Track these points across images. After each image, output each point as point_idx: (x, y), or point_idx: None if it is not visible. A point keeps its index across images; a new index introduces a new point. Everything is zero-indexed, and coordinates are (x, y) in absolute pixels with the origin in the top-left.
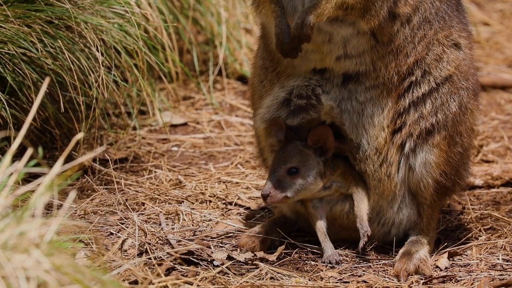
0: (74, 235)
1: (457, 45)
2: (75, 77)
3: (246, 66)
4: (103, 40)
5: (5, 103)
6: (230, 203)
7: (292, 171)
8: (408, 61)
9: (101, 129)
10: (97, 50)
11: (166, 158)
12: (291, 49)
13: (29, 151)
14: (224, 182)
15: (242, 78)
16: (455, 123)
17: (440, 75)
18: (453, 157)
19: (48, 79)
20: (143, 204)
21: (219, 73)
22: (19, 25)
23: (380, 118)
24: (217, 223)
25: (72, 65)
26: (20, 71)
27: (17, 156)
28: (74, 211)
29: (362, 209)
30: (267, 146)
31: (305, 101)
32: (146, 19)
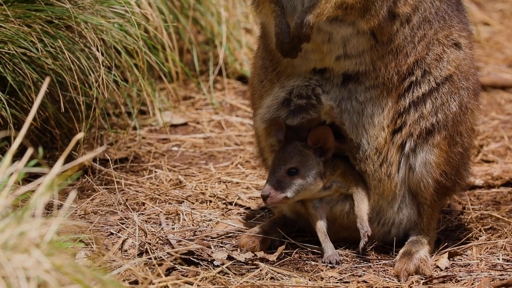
0: (74, 235)
1: (457, 45)
2: (75, 77)
3: (246, 66)
4: (103, 40)
5: (5, 103)
6: (230, 203)
7: (292, 171)
8: (408, 61)
9: (101, 129)
10: (97, 50)
11: (166, 158)
12: (291, 49)
13: (29, 151)
14: (224, 182)
15: (242, 78)
16: (456, 123)
17: (440, 74)
18: (454, 157)
19: (48, 79)
20: (143, 204)
21: (219, 73)
22: (19, 25)
23: (380, 118)
24: (217, 223)
25: (72, 65)
26: (20, 71)
27: (17, 156)
28: (74, 211)
29: (362, 209)
30: (267, 146)
31: (305, 101)
32: (146, 19)
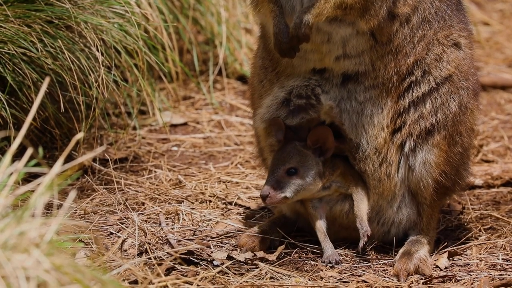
0: (74, 235)
1: (457, 45)
2: (75, 77)
3: (246, 66)
4: (103, 40)
5: (5, 103)
6: (230, 203)
7: (291, 171)
8: (408, 61)
9: (101, 129)
10: (97, 50)
11: (166, 158)
12: (289, 49)
13: (29, 151)
14: (224, 182)
15: (242, 78)
16: (455, 122)
17: (440, 74)
18: (453, 157)
19: (48, 79)
20: (143, 204)
21: (219, 73)
22: (19, 25)
23: (379, 118)
24: (217, 223)
25: (72, 65)
26: (20, 71)
27: (17, 156)
28: (74, 211)
29: (362, 209)
30: (266, 146)
31: (305, 101)
32: (146, 19)
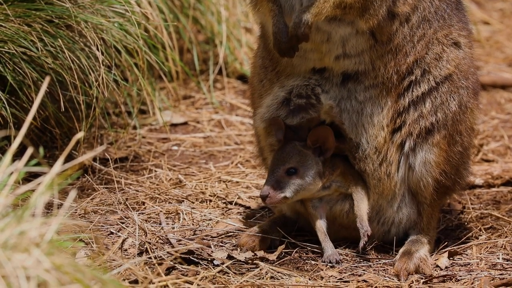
0: (74, 234)
1: (456, 44)
2: (75, 76)
3: (246, 65)
4: (103, 39)
5: (5, 102)
6: (230, 203)
7: (291, 171)
8: (408, 60)
9: (101, 128)
10: (97, 49)
11: (166, 157)
12: (289, 49)
13: (30, 151)
14: (224, 182)
15: (242, 77)
16: (455, 122)
17: (440, 74)
18: (453, 156)
19: (48, 78)
20: (143, 203)
21: (219, 72)
22: (19, 24)
23: (379, 117)
24: (217, 222)
25: (72, 64)
26: (20, 70)
27: (17, 155)
28: (74, 210)
29: (362, 209)
30: (267, 145)
31: (305, 101)
32: (146, 18)
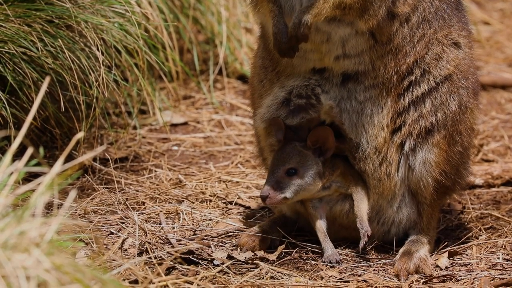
0: (74, 234)
1: (456, 44)
2: (76, 77)
3: (246, 65)
4: (103, 39)
5: (5, 102)
6: (230, 203)
7: (291, 172)
8: (408, 60)
9: (102, 128)
10: (98, 50)
11: (166, 157)
12: (289, 49)
13: (30, 151)
14: (224, 182)
15: (242, 78)
16: (455, 122)
17: (440, 74)
18: (453, 156)
19: (48, 78)
20: (143, 203)
21: (220, 73)
22: (19, 24)
23: (379, 117)
24: (217, 222)
25: (72, 65)
26: (20, 71)
27: (18, 155)
28: (75, 210)
29: (362, 209)
30: (267, 145)
31: (305, 101)
32: (147, 18)
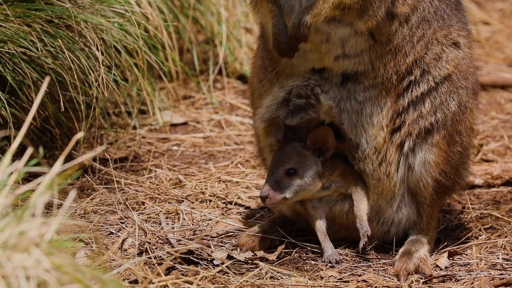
0: (74, 234)
1: (456, 44)
2: (75, 76)
3: (246, 65)
4: (103, 39)
5: (5, 102)
6: (230, 203)
7: (290, 172)
8: (407, 60)
9: (101, 128)
10: (97, 50)
11: (166, 157)
12: (288, 49)
13: (29, 151)
14: (224, 182)
15: (242, 77)
16: (455, 122)
17: (439, 74)
18: (453, 156)
19: (48, 78)
20: (143, 203)
21: (219, 72)
22: (19, 24)
23: (379, 117)
24: (217, 222)
25: (72, 64)
26: (20, 70)
27: (17, 155)
28: (74, 210)
29: (362, 209)
30: (266, 145)
31: (304, 101)
32: (146, 18)
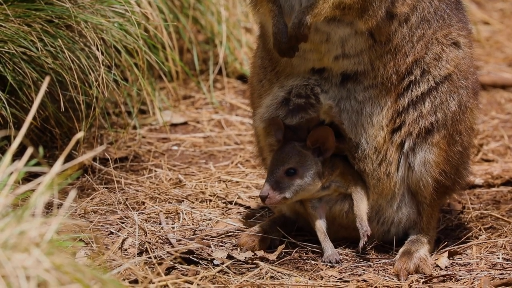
0: (74, 234)
1: (456, 44)
2: (75, 76)
3: (246, 65)
4: (103, 39)
5: (5, 102)
6: (230, 202)
7: (290, 172)
8: (407, 60)
9: (101, 128)
10: (97, 49)
11: (166, 157)
12: (288, 49)
13: (29, 150)
14: (224, 181)
15: (242, 77)
16: (455, 122)
17: (439, 74)
18: (453, 156)
19: (48, 78)
20: (143, 203)
21: (219, 72)
22: (19, 24)
23: (379, 117)
24: (217, 222)
25: (72, 64)
26: (20, 70)
27: (17, 155)
28: (74, 210)
29: (362, 209)
30: (266, 145)
31: (304, 101)
32: (146, 18)
